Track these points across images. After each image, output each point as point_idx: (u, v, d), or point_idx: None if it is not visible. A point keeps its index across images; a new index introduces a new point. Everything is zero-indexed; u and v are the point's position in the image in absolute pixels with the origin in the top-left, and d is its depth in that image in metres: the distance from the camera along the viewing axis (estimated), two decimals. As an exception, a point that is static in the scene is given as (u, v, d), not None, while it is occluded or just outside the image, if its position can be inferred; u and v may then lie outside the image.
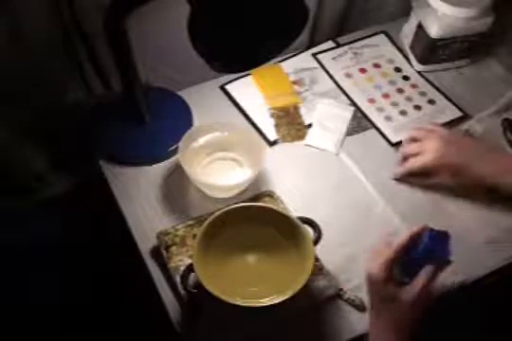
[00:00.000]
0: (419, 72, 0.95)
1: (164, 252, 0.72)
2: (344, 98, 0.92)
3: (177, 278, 0.69)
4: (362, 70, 0.95)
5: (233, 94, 0.92)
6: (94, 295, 1.14)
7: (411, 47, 0.96)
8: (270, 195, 0.78)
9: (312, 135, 0.87)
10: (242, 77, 0.94)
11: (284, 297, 0.62)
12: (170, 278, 0.71)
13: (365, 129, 0.89)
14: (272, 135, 0.87)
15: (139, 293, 0.88)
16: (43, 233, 1.07)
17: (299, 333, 0.69)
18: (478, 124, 0.88)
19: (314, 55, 0.97)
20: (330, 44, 0.99)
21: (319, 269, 0.72)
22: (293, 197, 0.79)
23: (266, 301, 0.63)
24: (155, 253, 0.74)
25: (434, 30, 0.87)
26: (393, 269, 0.59)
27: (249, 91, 0.92)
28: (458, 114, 0.89)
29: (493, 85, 0.94)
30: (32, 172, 0.94)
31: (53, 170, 0.96)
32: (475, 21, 0.85)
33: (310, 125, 0.89)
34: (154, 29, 0.79)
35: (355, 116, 0.89)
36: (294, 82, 0.93)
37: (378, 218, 0.79)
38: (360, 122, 0.89)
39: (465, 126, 0.88)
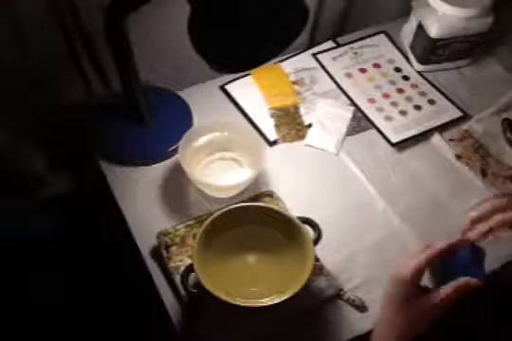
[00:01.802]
0: (419, 72, 0.95)
1: (164, 252, 0.72)
2: (344, 98, 0.92)
3: (177, 278, 0.69)
4: (362, 70, 0.95)
5: (233, 94, 0.92)
6: (94, 295, 1.14)
7: (411, 47, 0.96)
8: (270, 195, 0.78)
9: (312, 135, 0.87)
10: (242, 77, 0.94)
11: (284, 297, 0.62)
12: (170, 278, 0.71)
13: (365, 129, 0.89)
14: (272, 135, 0.87)
15: (139, 293, 0.88)
16: (43, 233, 1.08)
17: (299, 333, 0.69)
18: (478, 124, 0.88)
19: (314, 55, 0.97)
20: (330, 44, 0.99)
21: (319, 269, 0.72)
22: (293, 197, 0.79)
23: (266, 301, 0.63)
24: (155, 253, 0.74)
25: (434, 30, 0.87)
26: (422, 274, 0.57)
27: (249, 91, 0.92)
28: (458, 114, 0.89)
29: (493, 85, 0.94)
30: (32, 172, 0.94)
31: (53, 170, 0.96)
32: (475, 21, 0.85)
33: (310, 125, 0.89)
34: (154, 29, 0.79)
35: (355, 116, 0.89)
36: (294, 82, 0.93)
37: (378, 218, 0.79)
38: (360, 122, 0.89)
39: (464, 126, 0.88)
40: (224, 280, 0.66)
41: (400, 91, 0.92)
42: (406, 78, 0.95)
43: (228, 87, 0.93)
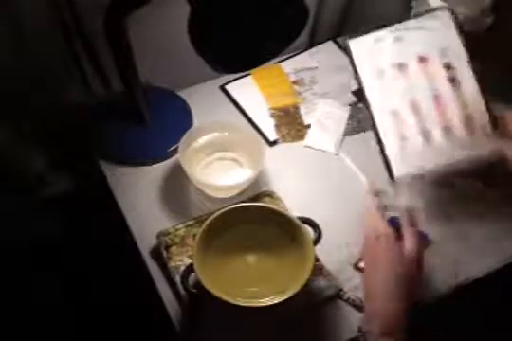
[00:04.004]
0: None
1: (164, 252, 0.72)
2: (348, 95, 0.91)
3: (177, 278, 0.69)
4: (401, 65, 0.65)
5: (233, 94, 0.92)
6: (94, 295, 1.14)
7: (412, 47, 0.95)
8: (270, 195, 0.78)
9: (312, 136, 0.87)
10: (242, 77, 0.94)
11: (284, 297, 0.62)
12: (170, 278, 0.72)
13: (365, 129, 0.89)
14: (272, 135, 0.87)
15: (139, 293, 0.88)
16: (43, 233, 1.08)
17: (299, 333, 0.69)
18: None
19: (344, 41, 0.66)
20: (330, 44, 0.99)
21: (319, 269, 0.72)
22: (293, 197, 0.79)
23: (266, 301, 0.63)
24: (155, 253, 0.74)
25: (434, 30, 0.86)
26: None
27: (249, 91, 0.92)
28: None
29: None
30: (32, 172, 0.94)
31: (53, 170, 0.96)
32: (475, 21, 0.85)
33: (310, 125, 0.88)
34: (154, 29, 0.79)
35: (354, 116, 0.89)
36: (294, 82, 0.93)
37: (378, 218, 0.79)
38: (360, 122, 0.89)
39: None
40: (224, 280, 0.66)
41: (437, 101, 0.63)
42: (454, 81, 0.64)
43: (228, 87, 0.93)
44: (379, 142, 0.64)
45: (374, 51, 0.65)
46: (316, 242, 0.69)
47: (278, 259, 0.70)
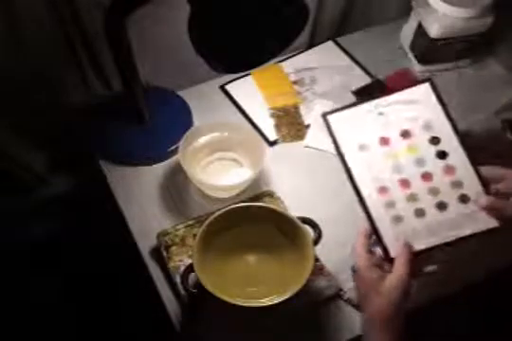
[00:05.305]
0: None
1: (164, 252, 0.72)
2: (348, 95, 0.91)
3: (177, 278, 0.69)
4: (384, 140, 0.61)
5: (233, 94, 0.92)
6: (94, 295, 1.14)
7: (411, 47, 0.96)
8: (270, 195, 0.78)
9: (312, 136, 0.87)
10: (242, 77, 0.94)
11: (284, 298, 0.62)
12: (170, 278, 0.72)
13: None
14: (272, 135, 0.87)
15: (139, 293, 0.88)
16: (43, 233, 1.08)
17: (299, 333, 0.69)
18: (477, 124, 0.88)
19: (324, 116, 0.65)
20: (330, 44, 0.99)
21: (319, 269, 0.72)
22: (293, 197, 0.79)
23: (266, 301, 0.63)
24: (155, 253, 0.74)
25: (434, 30, 0.87)
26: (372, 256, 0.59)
27: (249, 91, 0.92)
28: (494, 224, 0.59)
29: (493, 85, 0.94)
30: (32, 172, 0.94)
31: (53, 170, 0.96)
32: (475, 21, 0.85)
33: (310, 125, 0.88)
34: (154, 29, 0.79)
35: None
36: (294, 82, 0.93)
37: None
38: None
39: (463, 127, 0.88)
40: (224, 280, 0.66)
41: (427, 177, 0.60)
42: (443, 154, 0.60)
43: (228, 87, 0.93)
44: (371, 223, 0.61)
45: (355, 126, 0.62)
46: (316, 242, 0.69)
47: (278, 259, 0.70)
